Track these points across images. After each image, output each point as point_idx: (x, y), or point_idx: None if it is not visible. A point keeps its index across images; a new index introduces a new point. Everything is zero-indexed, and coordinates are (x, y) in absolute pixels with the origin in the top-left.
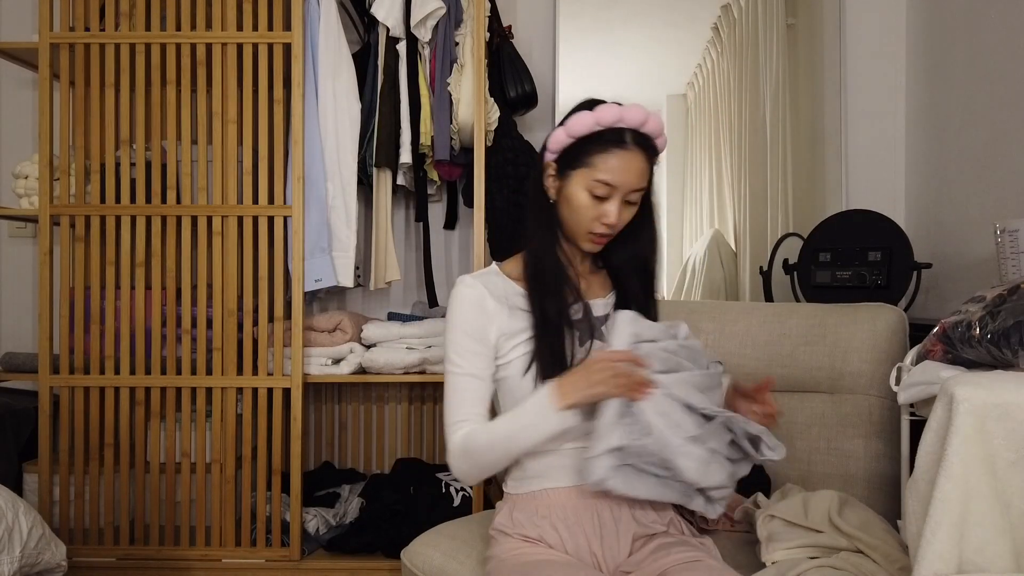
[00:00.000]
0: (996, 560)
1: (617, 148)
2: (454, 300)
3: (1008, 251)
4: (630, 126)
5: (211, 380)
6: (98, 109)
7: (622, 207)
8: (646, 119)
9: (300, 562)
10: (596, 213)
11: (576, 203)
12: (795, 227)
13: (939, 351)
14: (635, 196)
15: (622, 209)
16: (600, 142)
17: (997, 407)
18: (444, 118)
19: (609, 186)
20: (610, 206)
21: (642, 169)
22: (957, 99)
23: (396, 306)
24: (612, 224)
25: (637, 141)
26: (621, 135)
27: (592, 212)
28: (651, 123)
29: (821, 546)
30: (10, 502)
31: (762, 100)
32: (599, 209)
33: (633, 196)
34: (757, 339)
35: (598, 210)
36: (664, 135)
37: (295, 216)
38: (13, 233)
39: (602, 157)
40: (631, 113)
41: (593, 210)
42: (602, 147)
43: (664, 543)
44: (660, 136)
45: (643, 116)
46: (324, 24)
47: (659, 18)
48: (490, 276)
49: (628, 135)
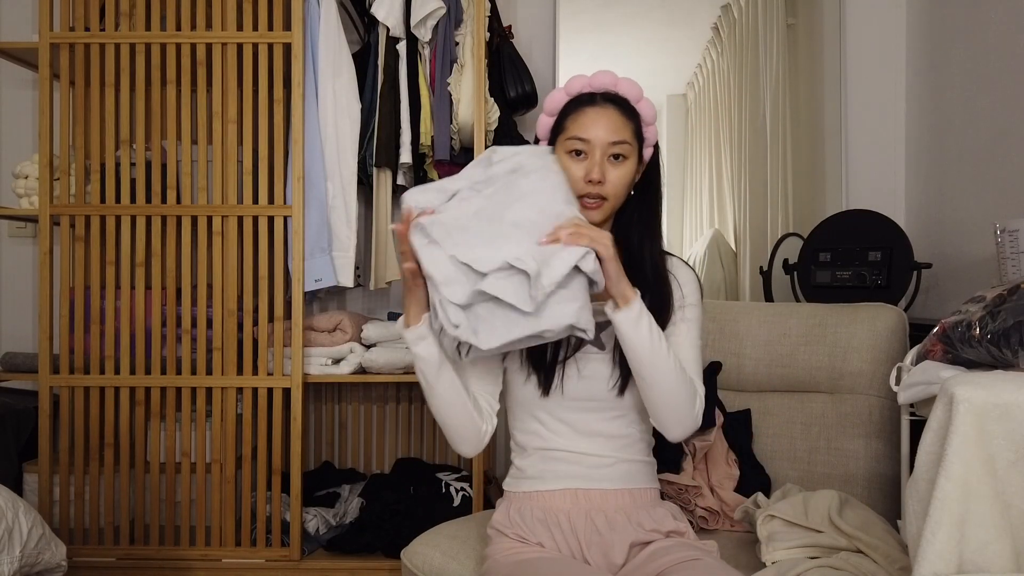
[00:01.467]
0: (996, 560)
1: (586, 107)
2: None
3: (1008, 251)
4: (598, 89)
5: (211, 380)
6: (98, 109)
7: (607, 163)
8: (615, 82)
9: (300, 562)
10: (580, 172)
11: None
12: (795, 227)
13: (939, 351)
14: (619, 149)
15: (607, 166)
16: (571, 106)
17: (997, 407)
18: (444, 118)
19: (582, 140)
20: (591, 162)
21: (616, 122)
22: (957, 99)
23: (396, 306)
24: (596, 178)
25: (608, 99)
26: (591, 96)
27: (576, 172)
28: (622, 85)
29: (821, 546)
30: (10, 502)
31: (762, 100)
32: (582, 168)
33: (616, 149)
34: (757, 339)
35: (581, 168)
36: (646, 99)
37: (295, 216)
38: (13, 233)
39: (573, 117)
40: (598, 78)
41: (576, 169)
42: (573, 109)
43: (663, 546)
44: (640, 100)
45: (611, 79)
46: (324, 24)
47: (659, 18)
48: None
49: (598, 96)
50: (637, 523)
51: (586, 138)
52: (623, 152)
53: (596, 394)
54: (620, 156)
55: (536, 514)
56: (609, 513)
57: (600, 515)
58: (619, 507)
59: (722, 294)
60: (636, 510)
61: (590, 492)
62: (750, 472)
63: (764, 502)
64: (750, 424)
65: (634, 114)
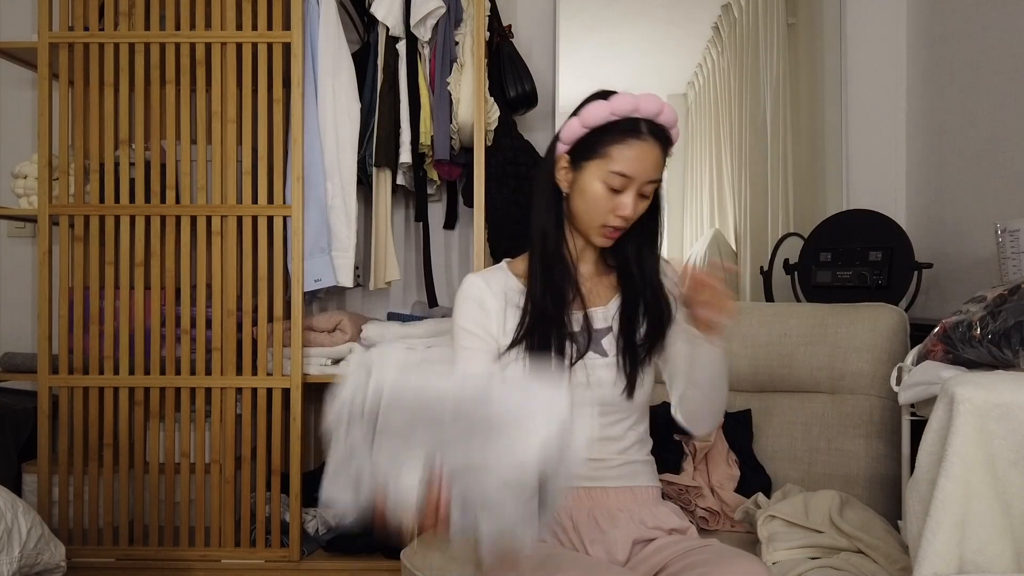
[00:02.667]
0: (996, 560)
1: (633, 139)
2: (456, 300)
3: (1009, 251)
4: (645, 116)
5: (210, 380)
6: (97, 109)
7: (637, 199)
8: (661, 109)
9: (300, 563)
10: (611, 205)
11: (591, 195)
12: (796, 227)
13: (940, 351)
14: (649, 188)
15: (637, 202)
16: (616, 132)
17: (998, 407)
18: (444, 118)
19: (625, 177)
20: (626, 198)
21: (657, 160)
22: (958, 99)
23: (396, 306)
24: (627, 216)
25: (652, 131)
26: (636, 125)
27: (607, 204)
28: (666, 113)
29: (822, 546)
30: (9, 502)
31: (762, 100)
32: (614, 201)
33: (647, 188)
34: (757, 339)
35: (613, 202)
36: (678, 127)
37: (295, 216)
38: (12, 233)
39: (618, 148)
40: (646, 102)
41: (608, 202)
42: (618, 137)
43: (667, 541)
44: (674, 127)
45: (658, 106)
46: (324, 23)
47: (659, 17)
48: (496, 273)
49: (643, 125)
50: (640, 521)
51: (630, 175)
52: (653, 191)
53: (605, 399)
54: (648, 194)
55: None
56: (611, 511)
57: (603, 512)
58: (621, 505)
59: None
60: (638, 508)
61: (592, 491)
62: (750, 473)
63: (765, 502)
64: (750, 424)
65: (668, 143)
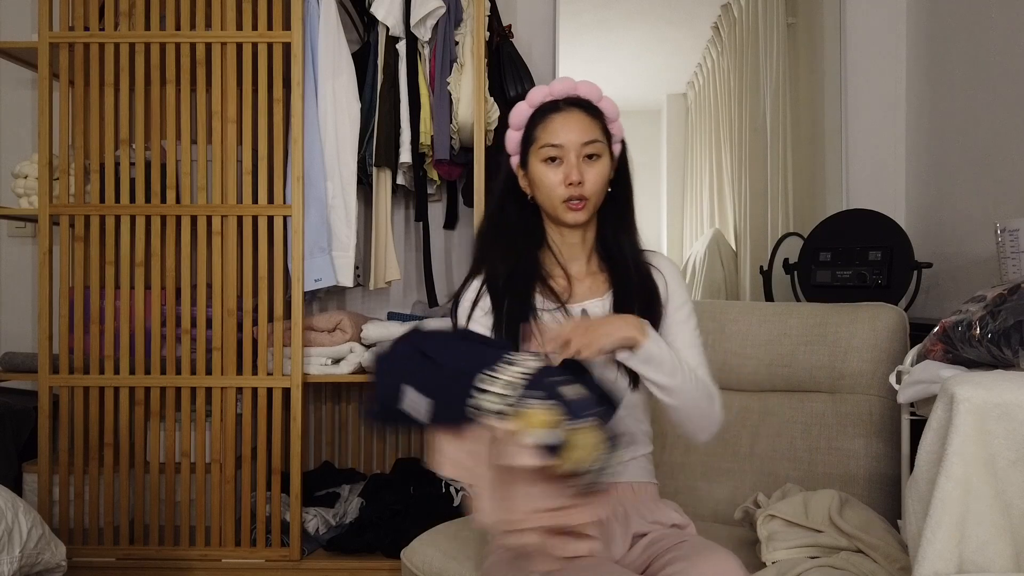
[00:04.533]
0: (996, 560)
1: (552, 113)
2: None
3: (1008, 250)
4: (560, 96)
5: (211, 380)
6: (98, 109)
7: (583, 163)
8: (575, 87)
9: (300, 562)
10: (558, 178)
11: (539, 178)
12: (795, 226)
13: (939, 351)
14: (591, 149)
15: (584, 166)
16: (537, 116)
17: (997, 407)
18: (444, 117)
19: (556, 147)
20: (567, 166)
21: (583, 123)
22: (958, 98)
23: (396, 306)
24: (576, 180)
25: (572, 103)
26: (555, 103)
27: (554, 178)
28: (583, 88)
29: (821, 546)
30: (10, 502)
31: (762, 99)
32: (559, 174)
33: (588, 149)
34: (757, 339)
35: (559, 175)
36: (607, 98)
37: (295, 216)
38: (12, 233)
39: (542, 126)
40: (559, 85)
41: (554, 175)
42: (540, 119)
43: (659, 535)
44: (601, 99)
45: (570, 84)
46: (324, 23)
47: (659, 17)
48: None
49: (561, 102)
50: (639, 516)
51: (558, 143)
52: (596, 151)
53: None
54: (594, 155)
55: None
56: (611, 506)
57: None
58: (621, 500)
59: (722, 294)
60: (638, 504)
61: None
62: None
63: (764, 502)
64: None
65: (598, 113)
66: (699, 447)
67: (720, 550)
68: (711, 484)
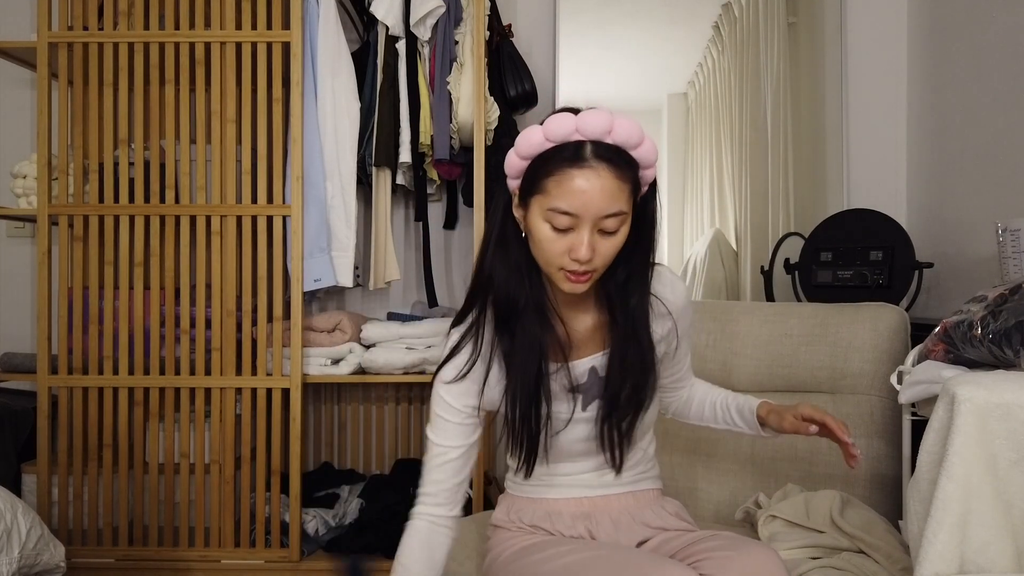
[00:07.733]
0: (998, 560)
1: (573, 167)
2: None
3: (1010, 250)
4: (590, 137)
5: (210, 380)
6: (96, 108)
7: (597, 237)
8: (610, 126)
9: (299, 563)
10: (563, 247)
11: (538, 237)
12: (796, 226)
13: (941, 351)
14: (610, 223)
15: (597, 240)
16: (554, 162)
17: (999, 407)
18: (444, 117)
19: (569, 215)
20: (578, 238)
21: (611, 189)
22: (958, 98)
23: (396, 306)
24: (584, 259)
25: (601, 155)
26: (579, 151)
27: (558, 246)
28: (619, 130)
29: (823, 546)
30: (9, 503)
31: (763, 99)
32: (565, 242)
33: (607, 223)
34: (758, 339)
35: (564, 243)
36: (646, 142)
37: (294, 216)
38: (11, 233)
39: (556, 180)
40: (590, 121)
41: (559, 243)
42: (554, 168)
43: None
44: (638, 146)
45: (605, 123)
46: (323, 23)
47: (660, 16)
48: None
49: (588, 149)
50: (643, 522)
51: (573, 212)
52: (616, 225)
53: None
54: (612, 231)
55: (539, 513)
56: (614, 515)
57: (604, 516)
58: (623, 508)
59: (723, 294)
60: (640, 510)
61: (595, 499)
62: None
63: (765, 502)
64: None
65: (630, 165)
66: (699, 448)
67: (761, 544)
68: (712, 485)
